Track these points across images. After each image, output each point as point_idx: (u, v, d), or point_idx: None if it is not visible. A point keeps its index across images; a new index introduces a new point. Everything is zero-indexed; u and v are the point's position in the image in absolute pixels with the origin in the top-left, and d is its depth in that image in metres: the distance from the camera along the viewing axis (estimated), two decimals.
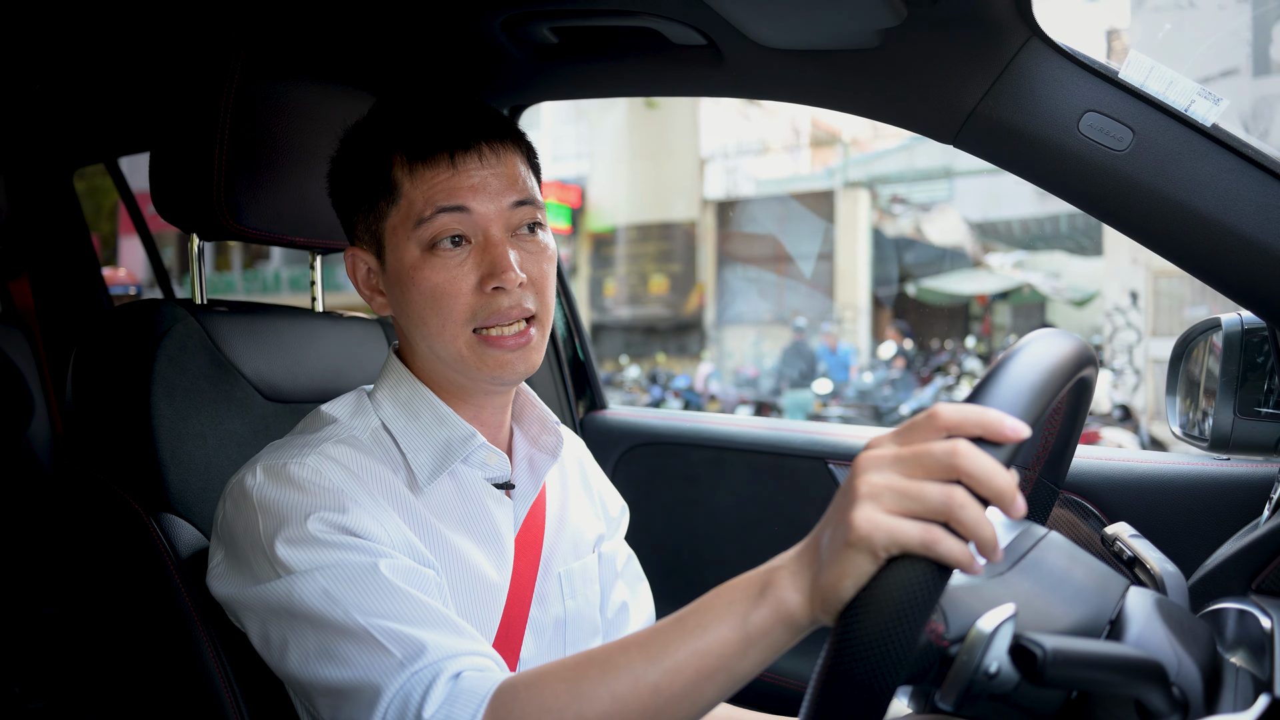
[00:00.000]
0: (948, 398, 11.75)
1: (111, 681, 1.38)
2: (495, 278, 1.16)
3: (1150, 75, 1.24)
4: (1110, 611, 0.86)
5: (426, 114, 1.21)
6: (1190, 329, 1.49)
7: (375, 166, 1.20)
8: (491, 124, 1.22)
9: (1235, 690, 0.86)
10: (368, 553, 1.07)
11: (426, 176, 1.17)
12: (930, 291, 16.42)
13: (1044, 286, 15.64)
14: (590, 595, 1.39)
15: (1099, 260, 14.87)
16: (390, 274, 1.21)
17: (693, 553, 2.11)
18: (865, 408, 12.08)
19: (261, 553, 1.08)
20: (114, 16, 1.89)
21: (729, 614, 0.85)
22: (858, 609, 0.73)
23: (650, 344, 17.13)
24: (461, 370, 1.21)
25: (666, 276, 17.98)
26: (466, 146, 1.18)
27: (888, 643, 0.70)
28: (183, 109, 1.39)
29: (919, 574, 0.72)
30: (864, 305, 16.33)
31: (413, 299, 1.19)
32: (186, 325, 1.39)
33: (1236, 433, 1.37)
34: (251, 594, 1.09)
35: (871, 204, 16.47)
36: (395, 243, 1.19)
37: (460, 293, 1.17)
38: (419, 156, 1.18)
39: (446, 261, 1.17)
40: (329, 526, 1.08)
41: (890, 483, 0.75)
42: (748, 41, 1.44)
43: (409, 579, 1.07)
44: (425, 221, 1.16)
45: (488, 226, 1.18)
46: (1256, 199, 1.20)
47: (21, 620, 2.13)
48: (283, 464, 1.12)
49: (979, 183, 15.70)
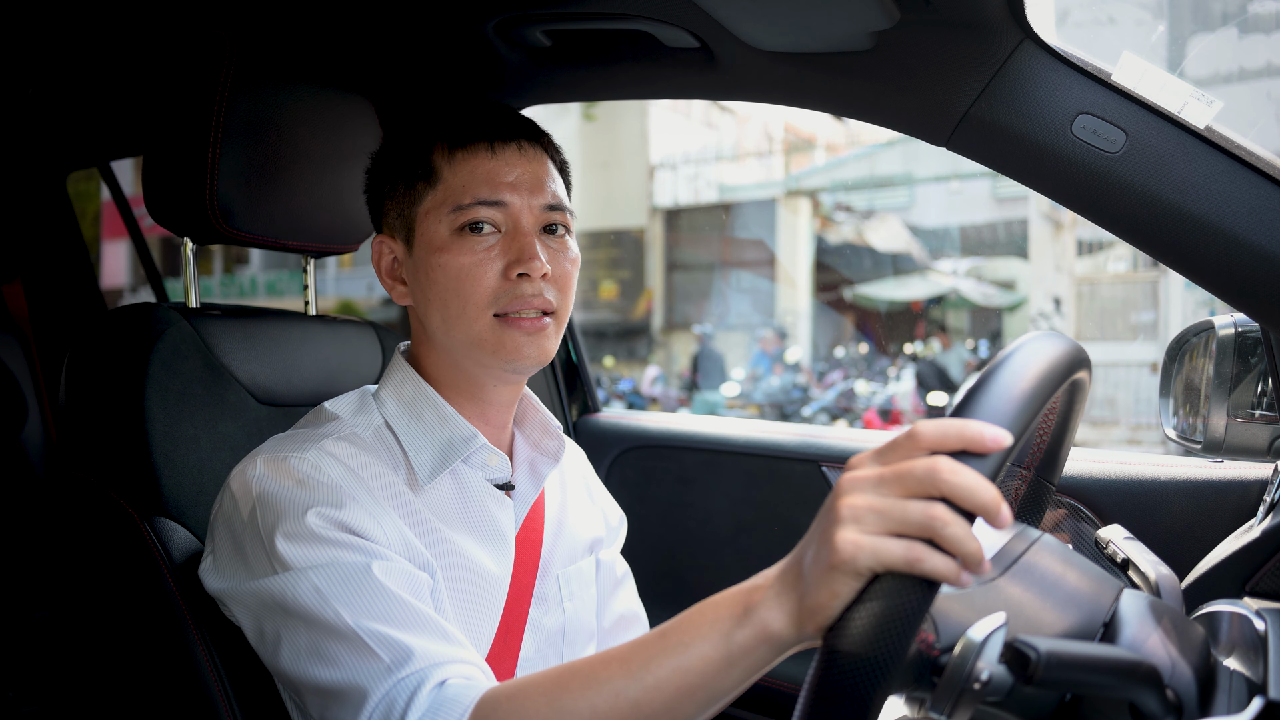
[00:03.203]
0: (846, 400, 12.36)
1: (105, 685, 1.38)
2: (521, 264, 1.19)
3: (1143, 77, 1.24)
4: (1104, 614, 0.86)
5: (469, 106, 1.26)
6: (1184, 331, 1.49)
7: (416, 151, 1.24)
8: (528, 125, 1.28)
9: (1229, 693, 0.86)
10: (363, 552, 1.08)
11: (466, 163, 1.22)
12: (865, 298, 16.65)
13: (972, 293, 15.84)
14: (587, 599, 1.40)
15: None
16: (417, 256, 1.24)
17: (686, 555, 2.11)
18: (771, 407, 12.64)
19: (260, 546, 1.09)
20: (107, 20, 1.89)
21: (712, 632, 0.84)
22: (845, 624, 0.73)
23: (600, 348, 17.32)
24: (476, 357, 1.22)
25: (616, 282, 18.18)
26: (506, 138, 1.23)
27: (877, 657, 0.70)
28: (176, 113, 1.39)
29: (906, 589, 0.72)
30: (804, 310, 16.59)
31: (437, 280, 1.21)
32: (180, 329, 1.39)
33: (1230, 435, 1.37)
34: (246, 589, 1.10)
35: (813, 212, 16.71)
36: (426, 225, 1.22)
37: (485, 276, 1.19)
38: (459, 144, 1.23)
39: (475, 245, 1.20)
40: (326, 522, 1.08)
41: (871, 503, 0.75)
42: (740, 44, 1.44)
43: (401, 582, 1.07)
44: (463, 209, 1.20)
45: (518, 217, 1.21)
46: (1249, 201, 1.20)
47: (15, 624, 2.12)
48: (283, 457, 1.13)
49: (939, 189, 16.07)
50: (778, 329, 14.91)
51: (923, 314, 16.48)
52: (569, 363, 2.33)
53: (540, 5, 1.50)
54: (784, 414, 12.32)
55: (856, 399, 12.59)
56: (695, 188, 17.75)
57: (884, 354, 15.28)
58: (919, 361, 13.23)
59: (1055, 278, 13.82)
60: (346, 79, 1.58)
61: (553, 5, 1.50)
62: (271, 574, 1.07)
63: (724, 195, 17.84)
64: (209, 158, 1.35)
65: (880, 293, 16.63)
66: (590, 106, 15.67)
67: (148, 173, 1.42)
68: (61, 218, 2.79)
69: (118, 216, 2.97)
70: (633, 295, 18.06)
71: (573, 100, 1.92)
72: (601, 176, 17.49)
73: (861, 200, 16.85)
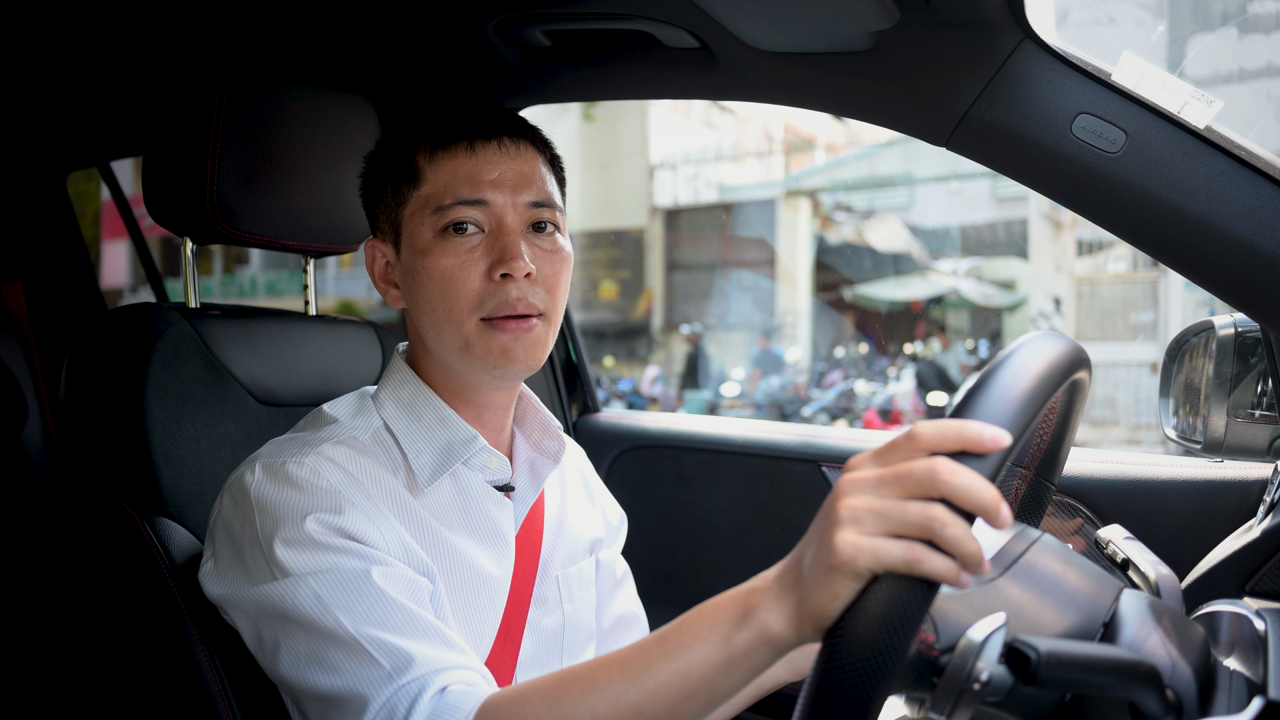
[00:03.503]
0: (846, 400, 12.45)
1: (105, 685, 1.38)
2: (504, 264, 1.17)
3: (1143, 77, 1.24)
4: (1104, 614, 0.86)
5: (451, 107, 1.25)
6: (1184, 331, 1.49)
7: (400, 154, 1.24)
8: (512, 122, 1.26)
9: (1229, 693, 0.86)
10: (362, 558, 1.07)
11: (447, 163, 1.20)
12: (865, 298, 16.67)
13: (972, 293, 15.86)
14: (587, 600, 1.40)
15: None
16: (405, 260, 1.23)
17: (686, 555, 2.11)
18: (771, 407, 12.76)
19: (259, 552, 1.09)
20: (108, 20, 1.89)
21: (711, 634, 0.84)
22: (845, 625, 0.73)
23: (601, 348, 17.36)
24: (465, 362, 1.22)
25: (616, 282, 18.21)
26: (486, 136, 1.22)
27: (877, 658, 0.70)
28: (176, 113, 1.39)
29: (905, 589, 0.72)
30: (804, 310, 16.61)
31: (423, 283, 1.20)
32: (180, 329, 1.39)
33: (1230, 435, 1.37)
34: (245, 595, 1.10)
35: (814, 212, 16.73)
36: (412, 228, 1.22)
37: (469, 279, 1.18)
38: (440, 144, 1.21)
39: (458, 247, 1.19)
40: (325, 528, 1.08)
41: (870, 504, 0.75)
42: (740, 44, 1.44)
43: (401, 588, 1.07)
44: (444, 209, 1.19)
45: (502, 216, 1.20)
46: (1249, 201, 1.20)
47: (15, 624, 2.12)
48: (282, 463, 1.13)
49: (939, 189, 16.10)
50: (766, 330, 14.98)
51: (922, 314, 16.53)
52: (569, 363, 2.33)
53: (540, 5, 1.50)
54: (784, 414, 12.40)
55: (856, 399, 12.63)
56: (695, 188, 17.78)
57: (884, 354, 15.32)
58: (919, 361, 13.26)
59: (1055, 278, 13.87)
60: (346, 79, 1.58)
61: (553, 5, 1.50)
62: (270, 580, 1.07)
63: (724, 195, 17.86)
64: (209, 158, 1.35)
65: (880, 293, 16.66)
66: (590, 106, 15.68)
67: (148, 173, 1.42)
68: (61, 218, 2.79)
69: (118, 216, 2.97)
70: (633, 295, 18.09)
71: (573, 100, 1.92)
72: (601, 176, 17.52)
73: (861, 200, 16.87)
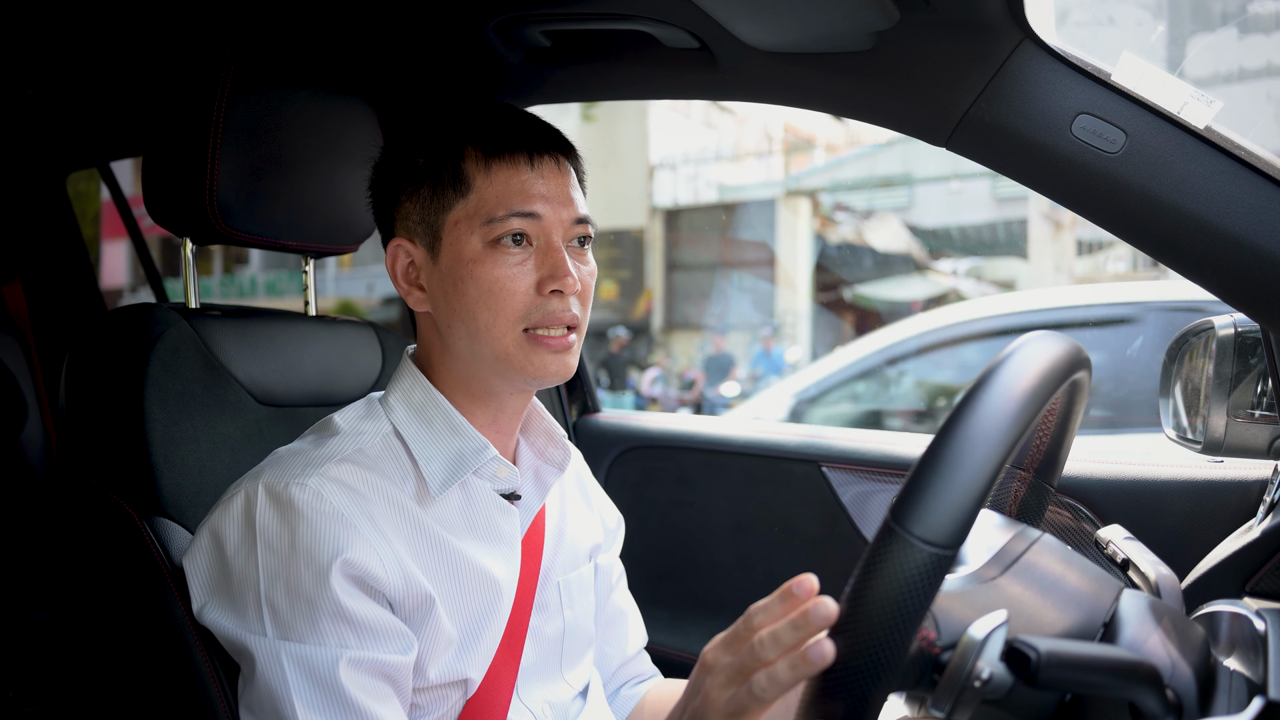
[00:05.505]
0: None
1: (104, 686, 1.38)
2: (556, 280, 1.17)
3: (1143, 77, 1.24)
4: (1104, 614, 0.86)
5: (504, 113, 1.23)
6: (1183, 331, 1.49)
7: (445, 157, 1.20)
8: (561, 137, 1.25)
9: (1229, 693, 0.86)
10: (340, 642, 1.09)
11: (503, 174, 1.18)
12: (865, 298, 16.69)
13: (972, 293, 15.90)
14: (586, 605, 1.40)
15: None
16: (444, 267, 1.20)
17: (686, 556, 2.11)
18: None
19: (249, 589, 1.11)
20: (107, 21, 1.89)
21: None
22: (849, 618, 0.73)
23: (600, 348, 17.39)
24: (502, 371, 1.21)
25: (616, 282, 18.22)
26: (544, 151, 1.21)
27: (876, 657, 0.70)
28: (176, 114, 1.38)
29: None
30: (804, 310, 16.63)
31: (467, 292, 1.18)
32: (179, 329, 1.38)
33: (1230, 435, 1.37)
34: (224, 625, 1.13)
35: (813, 212, 16.75)
36: (456, 235, 1.19)
37: (517, 291, 1.17)
38: (496, 152, 1.19)
39: (509, 259, 1.17)
40: (320, 578, 1.09)
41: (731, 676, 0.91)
42: (740, 44, 1.44)
43: (365, 683, 1.09)
44: (497, 221, 1.17)
45: (550, 231, 1.19)
46: (1249, 201, 1.20)
47: (15, 624, 2.12)
48: (285, 485, 1.12)
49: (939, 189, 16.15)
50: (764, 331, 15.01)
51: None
52: None
53: (540, 5, 1.50)
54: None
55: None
56: (695, 188, 17.81)
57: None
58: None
59: (1055, 278, 13.88)
60: (346, 80, 1.58)
61: (553, 5, 1.50)
62: (250, 628, 1.10)
63: (724, 195, 17.89)
64: (209, 158, 1.35)
65: (880, 293, 16.65)
66: (590, 106, 15.67)
67: (147, 173, 1.42)
68: (61, 218, 2.79)
69: (118, 216, 2.97)
70: (633, 295, 18.10)
71: (573, 100, 1.92)
72: (601, 176, 17.55)
73: (861, 200, 16.88)
